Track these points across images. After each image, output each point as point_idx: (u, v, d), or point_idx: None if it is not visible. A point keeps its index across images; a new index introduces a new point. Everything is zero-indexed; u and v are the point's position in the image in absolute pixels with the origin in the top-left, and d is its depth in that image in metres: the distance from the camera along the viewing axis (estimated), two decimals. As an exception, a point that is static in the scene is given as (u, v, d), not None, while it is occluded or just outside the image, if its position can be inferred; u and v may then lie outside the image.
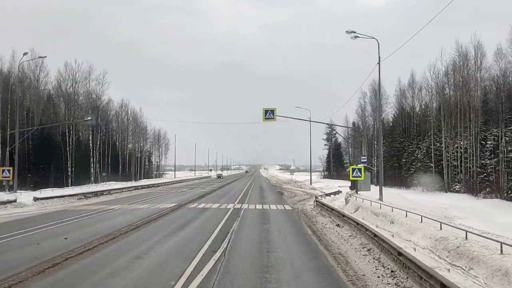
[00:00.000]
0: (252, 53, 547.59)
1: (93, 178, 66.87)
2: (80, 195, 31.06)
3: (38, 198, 26.61)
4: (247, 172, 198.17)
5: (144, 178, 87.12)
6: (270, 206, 25.58)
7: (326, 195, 28.57)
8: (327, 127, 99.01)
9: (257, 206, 25.25)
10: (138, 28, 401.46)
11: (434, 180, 51.11)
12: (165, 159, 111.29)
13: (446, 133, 49.16)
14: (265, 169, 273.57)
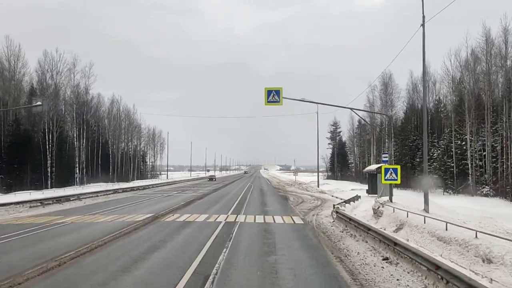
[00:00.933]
0: (250, 53, 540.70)
1: (78, 180, 60.42)
2: (35, 202, 24.52)
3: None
4: (246, 173, 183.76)
5: (138, 179, 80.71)
6: (274, 218, 19.08)
7: (345, 202, 22.07)
8: (331, 124, 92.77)
9: (257, 218, 18.77)
10: (134, 27, 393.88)
11: (456, 182, 44.92)
12: (160, 159, 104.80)
13: (471, 128, 42.63)
14: (265, 169, 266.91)
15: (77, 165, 60.18)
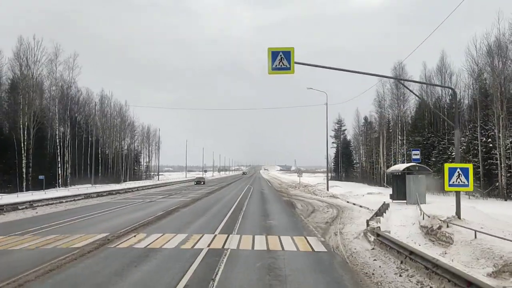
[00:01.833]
0: (246, 54, 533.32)
1: (61, 181, 54.18)
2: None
3: None
4: (245, 174, 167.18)
5: (131, 180, 74.43)
6: (282, 240, 12.83)
7: (376, 214, 15.84)
8: (336, 122, 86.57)
9: (256, 242, 12.54)
10: (127, 28, 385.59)
11: (482, 184, 38.91)
12: (155, 159, 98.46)
13: (504, 121, 36.36)
14: (265, 169, 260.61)
15: (60, 166, 53.95)
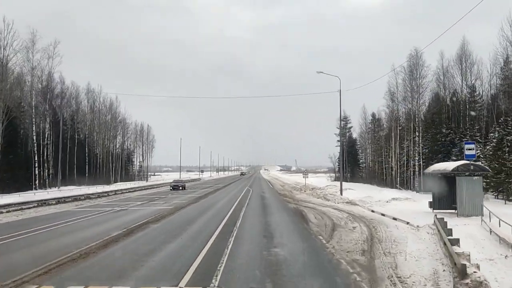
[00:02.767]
0: (244, 54, 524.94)
1: (38, 183, 47.85)
2: None
3: None
4: (243, 174, 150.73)
5: (123, 181, 68.07)
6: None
7: (451, 243, 9.41)
8: (342, 119, 79.90)
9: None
10: (124, 28, 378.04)
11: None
12: (150, 158, 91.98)
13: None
14: (265, 170, 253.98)
15: (37, 165, 47.63)
